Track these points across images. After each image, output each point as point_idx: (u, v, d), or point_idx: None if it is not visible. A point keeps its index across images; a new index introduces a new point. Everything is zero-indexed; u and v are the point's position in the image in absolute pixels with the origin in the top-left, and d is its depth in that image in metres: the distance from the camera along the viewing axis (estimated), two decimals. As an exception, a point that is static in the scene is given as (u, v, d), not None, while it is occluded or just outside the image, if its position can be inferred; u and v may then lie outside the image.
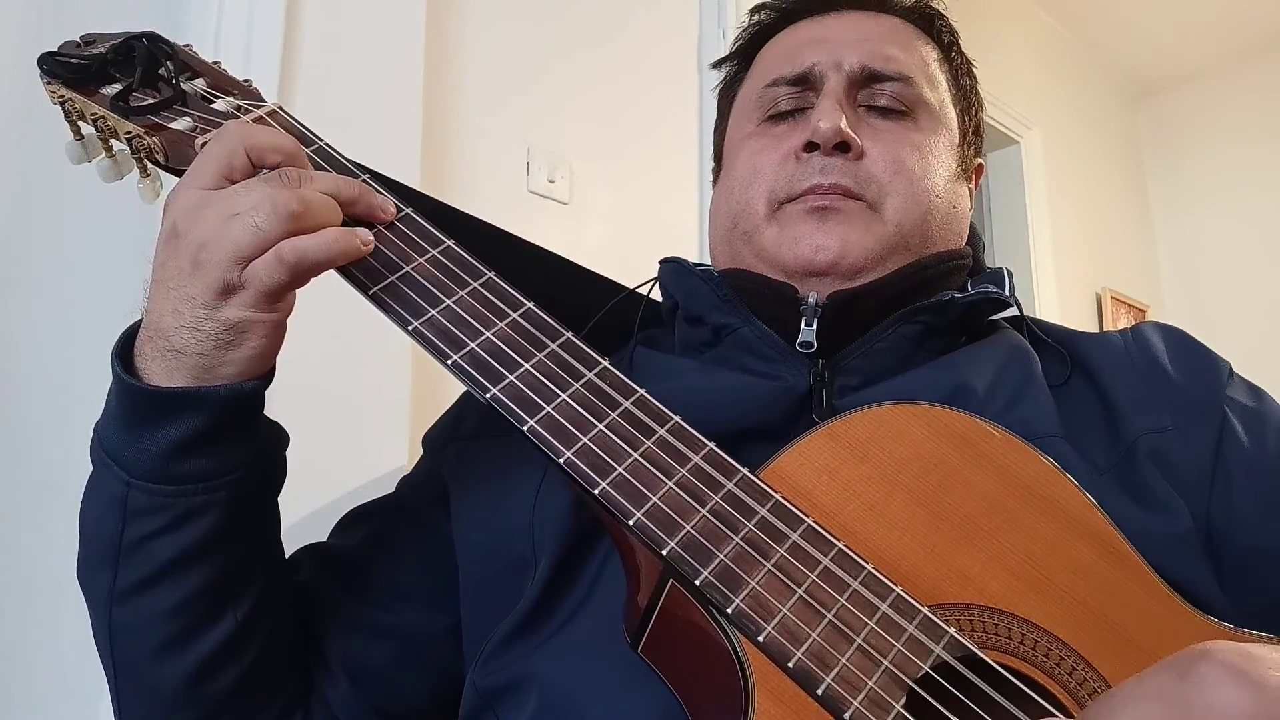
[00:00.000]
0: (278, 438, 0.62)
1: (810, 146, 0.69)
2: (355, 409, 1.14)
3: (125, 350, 0.56)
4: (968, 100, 0.79)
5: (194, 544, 0.56)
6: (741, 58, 0.82)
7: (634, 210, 1.64)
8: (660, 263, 0.77)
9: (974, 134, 0.79)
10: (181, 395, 0.53)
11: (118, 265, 1.05)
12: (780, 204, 0.70)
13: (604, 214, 1.60)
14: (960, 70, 0.79)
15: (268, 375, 0.57)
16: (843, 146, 0.68)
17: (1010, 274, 0.71)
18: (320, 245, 0.53)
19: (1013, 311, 0.71)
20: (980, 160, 0.81)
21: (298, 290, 0.56)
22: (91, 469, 0.59)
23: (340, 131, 0.64)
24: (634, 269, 0.81)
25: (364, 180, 0.60)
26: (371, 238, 0.57)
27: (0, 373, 0.97)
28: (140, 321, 0.56)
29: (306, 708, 0.65)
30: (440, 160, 1.35)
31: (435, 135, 1.35)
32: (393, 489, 0.77)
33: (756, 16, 0.81)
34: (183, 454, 0.54)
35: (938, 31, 0.78)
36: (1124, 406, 0.63)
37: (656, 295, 0.79)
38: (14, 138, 1.01)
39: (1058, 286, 3.16)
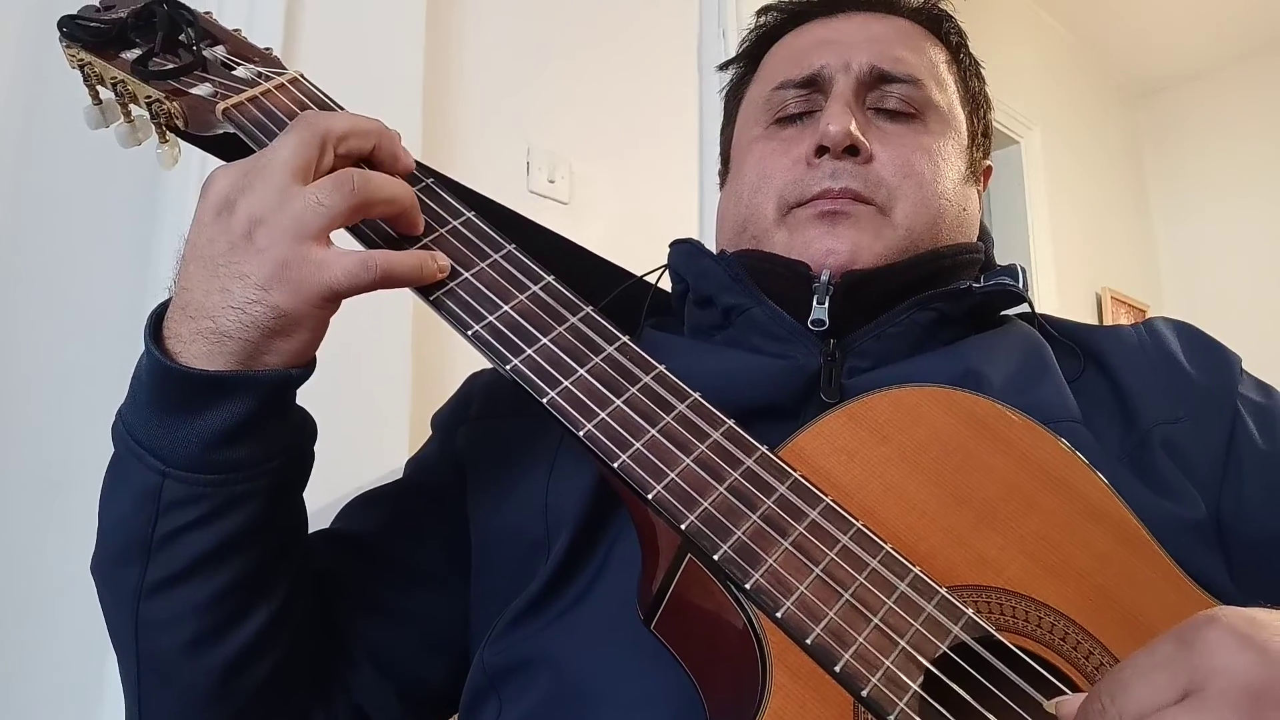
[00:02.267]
0: (308, 423, 0.60)
1: (820, 150, 0.68)
2: (354, 409, 1.13)
3: (154, 330, 0.54)
4: (976, 102, 0.78)
5: (232, 535, 0.54)
6: (748, 59, 0.82)
7: (634, 210, 1.64)
8: (671, 244, 0.77)
9: (982, 136, 0.79)
10: (229, 380, 0.51)
11: (119, 265, 1.05)
12: (790, 208, 0.69)
13: (604, 214, 1.60)
14: (969, 72, 0.78)
15: (311, 364, 0.56)
16: (852, 150, 0.68)
17: (1024, 270, 0.71)
18: (408, 263, 0.54)
19: (1024, 308, 0.71)
20: (989, 162, 0.81)
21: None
22: (113, 460, 0.56)
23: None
24: (634, 269, 0.81)
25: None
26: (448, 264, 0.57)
27: (0, 372, 0.97)
28: (168, 301, 0.54)
29: (329, 698, 0.64)
30: (440, 160, 1.35)
31: (435, 135, 1.35)
32: None
33: (763, 18, 0.80)
34: (227, 441, 0.52)
35: (946, 33, 0.77)
36: (1138, 398, 0.63)
37: (665, 285, 0.79)
38: (14, 136, 1.00)
39: (1058, 286, 3.17)
